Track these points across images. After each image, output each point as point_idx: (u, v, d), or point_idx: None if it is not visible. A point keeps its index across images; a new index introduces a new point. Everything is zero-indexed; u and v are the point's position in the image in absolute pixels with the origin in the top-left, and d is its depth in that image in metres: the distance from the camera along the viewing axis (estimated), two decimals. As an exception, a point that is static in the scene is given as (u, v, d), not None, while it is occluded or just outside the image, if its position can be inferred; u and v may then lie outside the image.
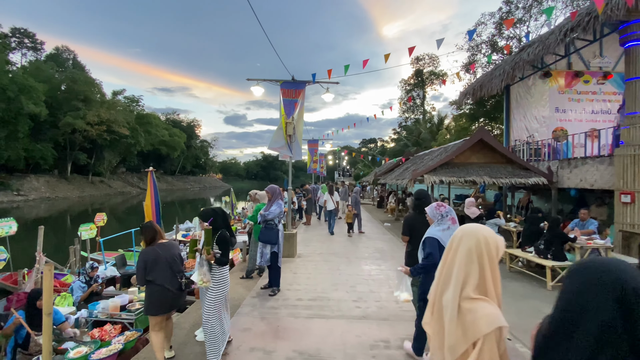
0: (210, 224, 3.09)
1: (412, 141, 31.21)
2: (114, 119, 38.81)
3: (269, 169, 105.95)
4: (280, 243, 5.02)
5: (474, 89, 11.68)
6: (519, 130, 12.07)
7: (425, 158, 11.41)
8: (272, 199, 5.10)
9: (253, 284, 5.47)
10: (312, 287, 5.18)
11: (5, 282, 6.25)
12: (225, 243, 3.15)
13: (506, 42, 16.86)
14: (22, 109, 28.38)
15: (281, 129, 6.95)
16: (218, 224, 3.16)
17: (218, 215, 3.20)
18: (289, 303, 4.51)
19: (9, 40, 37.90)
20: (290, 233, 7.19)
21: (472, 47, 18.00)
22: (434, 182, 8.76)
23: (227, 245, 3.16)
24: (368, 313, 4.18)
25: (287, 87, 7.07)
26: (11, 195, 30.14)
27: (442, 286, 1.40)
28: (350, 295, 4.83)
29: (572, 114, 11.68)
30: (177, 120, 69.02)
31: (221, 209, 3.37)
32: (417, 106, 44.99)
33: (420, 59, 44.26)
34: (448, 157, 9.10)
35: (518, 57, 9.39)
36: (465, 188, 18.16)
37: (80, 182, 40.54)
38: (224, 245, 3.14)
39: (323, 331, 3.69)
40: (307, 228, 11.82)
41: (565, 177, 8.81)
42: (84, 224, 7.79)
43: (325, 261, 6.90)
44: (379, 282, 5.41)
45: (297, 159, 7.60)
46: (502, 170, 9.02)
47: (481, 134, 9.05)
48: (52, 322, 2.46)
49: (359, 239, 9.52)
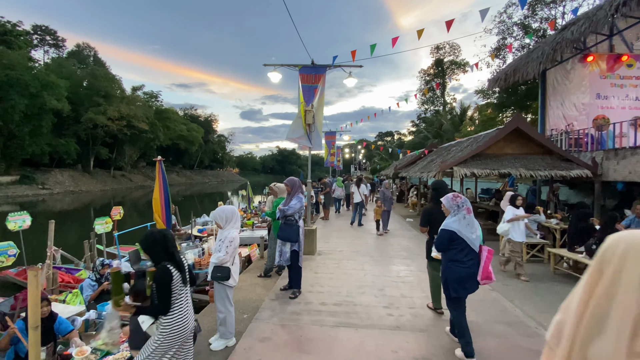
0: (146, 252, 2.29)
1: (433, 133, 30.11)
2: (134, 114, 39.48)
3: (284, 163, 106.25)
4: (301, 241, 4.57)
5: (506, 75, 10.79)
6: (556, 119, 11.12)
7: (452, 149, 10.68)
8: (291, 193, 4.64)
9: (272, 283, 5.06)
10: (336, 290, 4.71)
11: (18, 278, 6.11)
12: (165, 284, 2.22)
13: (539, 25, 15.65)
14: (45, 105, 29.09)
15: (300, 117, 6.45)
16: (157, 254, 2.30)
17: (156, 244, 2.29)
18: (311, 308, 4.07)
19: (31, 38, 38.96)
20: (310, 229, 6.74)
21: (502, 30, 16.83)
22: (464, 175, 8.09)
23: (166, 288, 2.22)
24: (402, 322, 3.67)
25: (306, 72, 6.55)
26: (36, 189, 31.17)
27: (588, 331, 0.87)
28: (379, 300, 4.33)
29: (614, 100, 10.67)
30: (195, 115, 69.77)
31: (161, 233, 2.35)
32: (437, 97, 43.56)
33: (441, 47, 42.75)
34: (480, 147, 8.38)
35: (560, 37, 8.49)
36: (492, 181, 17.22)
37: (102, 176, 41.60)
38: (163, 288, 2.22)
39: (353, 344, 3.22)
40: (325, 223, 11.39)
41: (611, 169, 7.97)
42: (99, 217, 7.60)
43: (348, 259, 6.42)
44: (410, 285, 4.88)
45: (317, 149, 7.11)
46: (540, 161, 8.24)
47: (517, 122, 8.27)
48: (39, 336, 2.10)
49: (383, 236, 8.99)
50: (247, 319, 3.81)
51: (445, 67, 42.64)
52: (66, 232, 17.35)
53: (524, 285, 5.12)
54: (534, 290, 4.95)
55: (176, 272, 2.29)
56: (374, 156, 49.35)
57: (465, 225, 2.95)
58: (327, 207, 12.55)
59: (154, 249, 2.30)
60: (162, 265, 2.25)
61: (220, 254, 3.18)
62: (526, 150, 8.56)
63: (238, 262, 3.37)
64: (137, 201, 32.85)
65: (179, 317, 2.32)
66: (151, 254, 2.32)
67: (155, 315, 2.32)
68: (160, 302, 2.23)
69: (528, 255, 6.56)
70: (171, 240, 2.36)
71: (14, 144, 28.95)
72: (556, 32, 9.93)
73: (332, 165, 20.45)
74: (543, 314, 4.10)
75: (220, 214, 3.26)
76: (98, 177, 40.62)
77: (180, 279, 2.31)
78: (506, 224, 5.82)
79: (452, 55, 42.67)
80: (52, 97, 29.85)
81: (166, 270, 2.24)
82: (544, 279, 5.45)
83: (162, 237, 2.32)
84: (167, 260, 2.28)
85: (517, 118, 8.39)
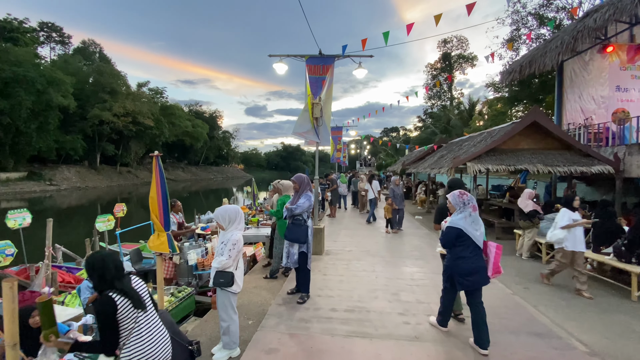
0: (91, 278, 1.93)
1: (440, 128, 29.58)
2: (139, 110, 39.49)
3: (289, 159, 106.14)
4: (310, 242, 4.29)
5: (521, 66, 10.34)
6: (573, 113, 10.66)
7: (464, 145, 10.29)
8: (299, 190, 4.36)
9: (278, 286, 4.80)
10: (347, 294, 4.43)
11: (19, 277, 5.92)
12: (106, 317, 1.84)
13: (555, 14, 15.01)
14: (52, 102, 29.14)
15: (307, 110, 6.14)
16: (97, 282, 1.92)
17: (93, 270, 1.91)
18: (321, 314, 3.79)
19: (38, 35, 39.04)
20: (317, 228, 6.45)
21: (515, 20, 16.20)
22: (478, 171, 7.74)
23: (108, 321, 1.84)
24: (420, 332, 3.38)
25: (314, 62, 6.22)
26: (44, 185, 31.38)
27: None
28: (394, 306, 4.03)
29: (635, 93, 10.15)
30: (200, 111, 69.73)
31: (100, 258, 1.95)
32: (443, 92, 42.81)
33: (448, 41, 41.90)
34: (495, 142, 8.01)
35: (581, 25, 8.04)
36: (502, 178, 16.73)
37: (108, 172, 41.80)
38: (103, 321, 1.85)
39: (367, 357, 2.94)
40: (332, 220, 11.11)
41: (635, 165, 7.57)
42: (101, 215, 7.41)
43: (358, 260, 6.13)
44: (425, 290, 4.57)
45: (324, 145, 6.81)
46: (559, 157, 7.87)
47: (534, 116, 7.88)
48: (17, 355, 1.86)
49: (392, 235, 8.68)
50: (253, 326, 3.55)
51: (452, 61, 41.81)
52: (74, 227, 17.35)
53: (547, 290, 4.80)
54: (558, 294, 4.62)
55: (122, 299, 1.87)
56: (380, 152, 48.83)
57: (470, 222, 3.07)
58: (334, 204, 12.27)
59: (92, 277, 1.91)
60: (103, 295, 1.87)
61: (222, 258, 2.91)
62: (543, 145, 8.18)
63: (242, 266, 3.10)
64: (143, 197, 32.87)
65: (140, 350, 1.92)
66: (92, 282, 1.94)
67: (99, 353, 1.95)
68: (102, 339, 1.84)
69: (548, 256, 6.22)
70: (110, 268, 1.91)
71: (22, 140, 29.09)
72: (577, 20, 9.45)
73: (338, 161, 20.13)
74: (571, 321, 3.79)
75: (222, 213, 2.99)
76: (104, 173, 40.82)
77: (131, 305, 1.89)
78: (560, 231, 4.80)
79: (459, 49, 41.84)
80: (59, 93, 29.91)
81: (107, 300, 1.83)
82: (567, 282, 5.11)
83: (100, 262, 1.92)
84: (110, 288, 1.87)
85: (535, 111, 7.99)
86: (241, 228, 3.05)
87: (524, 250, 6.55)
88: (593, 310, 4.11)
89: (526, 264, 6.14)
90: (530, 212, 6.57)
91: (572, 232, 4.72)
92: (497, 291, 4.63)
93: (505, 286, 4.86)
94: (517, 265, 5.98)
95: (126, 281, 1.97)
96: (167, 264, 5.30)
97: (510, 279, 5.21)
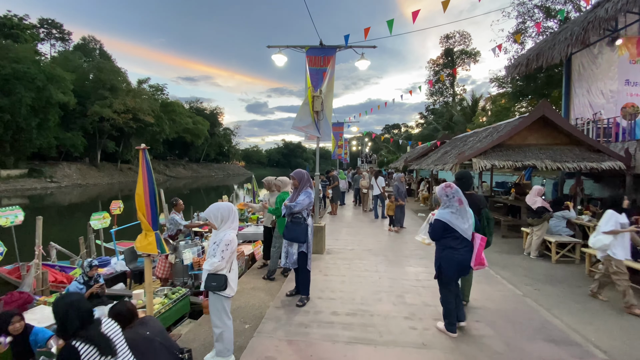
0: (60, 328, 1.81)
1: (443, 125, 29.22)
2: (140, 107, 39.23)
3: (289, 157, 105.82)
4: (310, 241, 4.07)
5: (528, 60, 10.03)
6: (582, 107, 10.37)
7: (469, 140, 10.03)
8: (299, 187, 4.13)
9: (277, 287, 4.59)
10: (349, 296, 4.21)
11: (10, 276, 5.74)
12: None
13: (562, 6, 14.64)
14: (52, 98, 28.93)
15: (307, 104, 5.90)
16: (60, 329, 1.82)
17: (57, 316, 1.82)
18: (322, 319, 3.57)
19: (38, 31, 38.78)
20: (318, 226, 6.23)
21: (521, 13, 15.82)
22: (484, 167, 7.49)
23: None
24: (428, 338, 3.16)
25: (314, 53, 5.97)
26: (45, 182, 31.27)
27: None
28: (399, 309, 3.81)
29: (644, 87, 9.85)
30: (201, 108, 69.41)
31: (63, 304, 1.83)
32: (445, 88, 42.39)
33: (450, 37, 41.42)
34: (501, 138, 7.76)
35: (592, 15, 7.74)
36: (506, 174, 16.45)
37: (109, 169, 41.68)
38: None
39: (371, 366, 2.73)
40: (333, 218, 10.90)
41: (647, 160, 7.30)
42: (96, 212, 7.22)
43: (360, 259, 5.91)
44: (432, 291, 4.34)
45: (325, 140, 6.58)
46: (568, 153, 7.61)
47: (543, 110, 7.61)
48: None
49: (394, 233, 8.46)
50: (249, 330, 3.35)
51: (455, 56, 41.36)
52: (75, 224, 17.18)
53: (559, 291, 4.57)
54: (571, 297, 4.40)
55: (87, 348, 1.74)
56: (381, 149, 48.48)
57: (456, 216, 3.10)
58: (335, 201, 12.05)
59: (57, 323, 1.79)
60: (67, 344, 1.75)
61: (214, 260, 2.69)
62: (551, 140, 7.92)
63: (236, 268, 2.89)
64: (143, 195, 32.74)
65: None
66: (57, 328, 1.83)
67: None
68: None
69: (558, 255, 5.98)
70: (73, 319, 1.78)
71: (22, 137, 28.92)
72: (586, 11, 9.13)
73: (339, 157, 19.87)
74: (588, 325, 3.56)
75: (214, 211, 2.77)
76: (105, 170, 40.70)
77: (97, 353, 1.77)
78: (605, 236, 4.12)
79: (462, 45, 41.37)
80: (59, 90, 29.70)
81: (70, 351, 1.73)
82: (579, 283, 4.89)
83: (64, 312, 1.79)
84: (74, 337, 1.75)
85: (543, 105, 7.72)
86: (235, 227, 2.83)
87: (533, 249, 6.31)
88: (609, 313, 3.89)
89: (535, 263, 5.91)
90: (539, 208, 6.33)
91: (619, 238, 4.09)
92: (507, 292, 4.41)
93: (515, 287, 4.63)
94: (525, 265, 5.75)
95: (93, 328, 1.83)
96: (162, 262, 5.10)
97: (519, 279, 4.99)
